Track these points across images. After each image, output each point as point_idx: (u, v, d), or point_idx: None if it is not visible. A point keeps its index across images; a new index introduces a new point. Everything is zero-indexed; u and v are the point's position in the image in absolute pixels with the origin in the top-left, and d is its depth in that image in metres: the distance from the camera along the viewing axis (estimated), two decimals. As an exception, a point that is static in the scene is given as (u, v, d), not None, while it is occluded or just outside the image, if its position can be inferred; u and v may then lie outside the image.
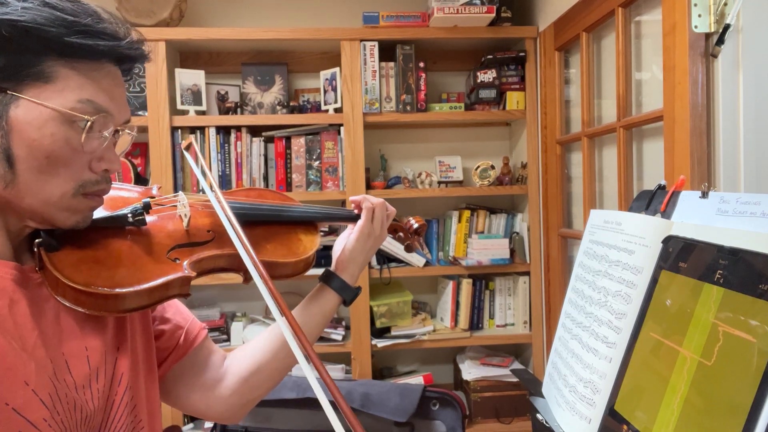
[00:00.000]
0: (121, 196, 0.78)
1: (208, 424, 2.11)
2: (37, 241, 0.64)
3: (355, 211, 0.99)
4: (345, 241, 0.97)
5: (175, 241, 0.75)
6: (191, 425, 2.15)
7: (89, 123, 0.60)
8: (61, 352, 0.63)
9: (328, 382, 0.56)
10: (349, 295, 0.93)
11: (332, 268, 0.95)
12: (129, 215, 0.71)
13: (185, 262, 0.72)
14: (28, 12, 0.57)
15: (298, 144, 2.22)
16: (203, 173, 0.85)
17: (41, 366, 0.60)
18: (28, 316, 0.60)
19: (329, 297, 0.92)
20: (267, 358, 0.87)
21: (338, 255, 0.96)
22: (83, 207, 0.65)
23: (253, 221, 0.86)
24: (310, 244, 0.90)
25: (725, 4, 1.19)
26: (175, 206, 0.81)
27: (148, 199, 0.74)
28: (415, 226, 1.08)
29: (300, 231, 0.92)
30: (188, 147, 0.91)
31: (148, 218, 0.74)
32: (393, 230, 1.07)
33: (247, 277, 0.76)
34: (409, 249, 1.13)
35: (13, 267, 0.61)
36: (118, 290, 0.64)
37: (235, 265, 0.80)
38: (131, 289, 0.65)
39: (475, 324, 2.34)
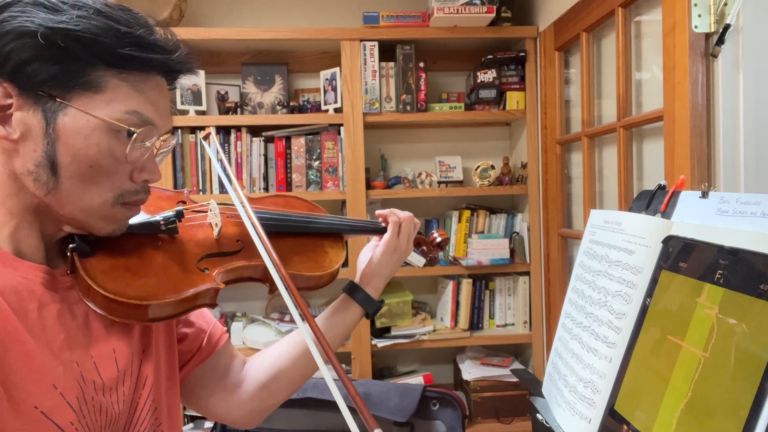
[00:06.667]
0: (155, 199, 0.77)
1: (208, 424, 2.11)
2: (70, 246, 0.64)
3: (382, 224, 0.98)
4: (370, 253, 0.96)
5: (205, 251, 0.75)
6: (191, 425, 2.15)
7: (135, 134, 0.60)
8: (89, 355, 0.63)
9: (352, 392, 0.55)
10: (372, 308, 0.92)
11: (357, 280, 0.94)
12: (162, 223, 0.72)
13: (215, 273, 0.72)
14: (82, 21, 0.57)
15: (298, 144, 2.22)
16: (228, 177, 0.84)
17: (69, 369, 0.60)
18: (55, 319, 0.61)
19: (352, 310, 0.91)
20: (287, 365, 0.86)
21: (363, 267, 0.95)
22: (121, 216, 0.65)
23: (280, 232, 0.86)
24: (336, 257, 0.89)
25: (725, 4, 1.19)
26: (206, 214, 0.81)
27: (181, 208, 0.74)
28: (438, 239, 1.07)
29: (326, 243, 0.91)
30: (206, 137, 0.85)
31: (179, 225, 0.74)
32: (416, 243, 1.05)
33: (273, 288, 0.75)
34: (431, 262, 1.12)
35: (43, 270, 0.62)
36: (147, 301, 0.64)
37: (262, 275, 0.80)
38: (161, 300, 0.65)
39: (475, 324, 2.34)
